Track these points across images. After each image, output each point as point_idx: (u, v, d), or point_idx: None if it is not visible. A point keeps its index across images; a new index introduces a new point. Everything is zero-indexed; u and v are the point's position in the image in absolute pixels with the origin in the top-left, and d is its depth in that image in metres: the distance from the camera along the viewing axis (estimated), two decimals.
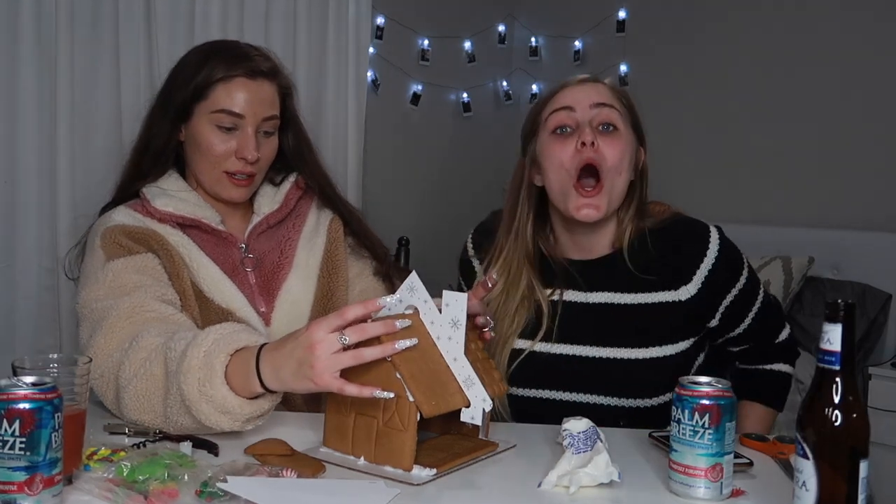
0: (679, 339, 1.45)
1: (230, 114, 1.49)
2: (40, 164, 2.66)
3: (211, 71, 1.49)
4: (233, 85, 1.49)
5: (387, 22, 4.01)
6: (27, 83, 2.63)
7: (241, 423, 1.17)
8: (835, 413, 0.92)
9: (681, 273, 1.45)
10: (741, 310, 1.51)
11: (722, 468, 1.05)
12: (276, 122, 1.56)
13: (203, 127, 1.50)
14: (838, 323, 0.92)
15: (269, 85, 1.53)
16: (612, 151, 1.42)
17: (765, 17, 3.74)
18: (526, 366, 1.46)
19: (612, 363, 1.44)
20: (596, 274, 1.49)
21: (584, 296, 1.49)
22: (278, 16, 3.27)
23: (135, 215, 1.52)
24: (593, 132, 1.41)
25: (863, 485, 0.92)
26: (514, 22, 4.66)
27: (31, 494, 0.91)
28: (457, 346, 1.16)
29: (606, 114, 1.43)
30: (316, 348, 1.07)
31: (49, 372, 1.05)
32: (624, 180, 1.46)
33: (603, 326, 1.46)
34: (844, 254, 3.38)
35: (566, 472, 1.08)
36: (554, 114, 1.45)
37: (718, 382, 1.08)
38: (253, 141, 1.50)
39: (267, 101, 1.52)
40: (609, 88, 1.48)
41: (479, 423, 1.17)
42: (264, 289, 1.56)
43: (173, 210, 1.52)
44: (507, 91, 4.64)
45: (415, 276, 1.21)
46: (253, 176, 1.54)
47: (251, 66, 1.50)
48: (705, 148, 3.90)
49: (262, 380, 1.12)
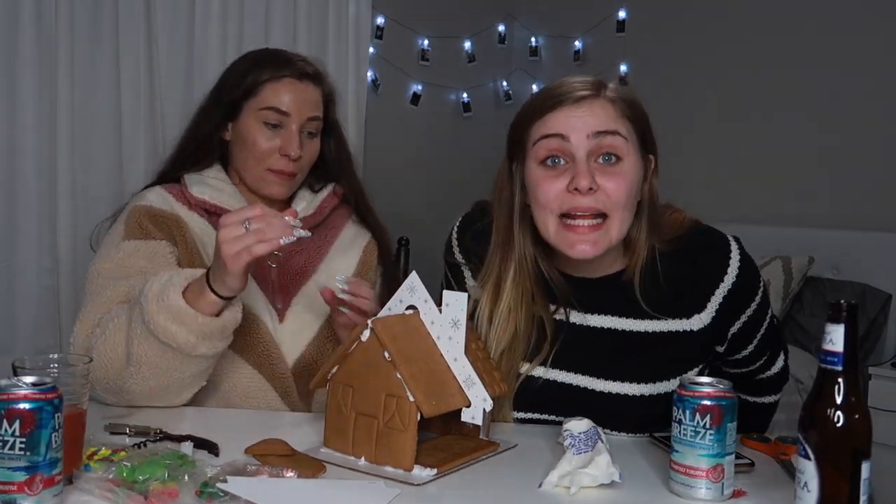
0: (686, 370, 1.31)
1: (277, 111, 1.55)
2: (40, 164, 2.66)
3: (261, 71, 1.57)
4: (281, 84, 1.56)
5: (387, 22, 4.01)
6: (27, 83, 2.63)
7: (196, 337, 1.28)
8: (837, 414, 0.92)
9: (695, 300, 1.29)
10: (749, 333, 1.36)
11: (723, 469, 1.05)
12: (320, 124, 1.62)
13: (251, 124, 1.57)
14: (841, 323, 0.92)
15: (313, 88, 1.60)
16: (615, 187, 1.21)
17: (764, 17, 3.74)
18: (525, 390, 1.32)
19: (610, 398, 1.29)
20: (596, 295, 1.32)
21: (583, 317, 1.32)
22: (278, 16, 3.27)
23: (167, 198, 1.57)
24: (590, 172, 1.20)
25: (864, 486, 0.92)
26: (514, 22, 4.66)
27: (32, 494, 0.91)
28: (457, 346, 1.16)
29: (609, 143, 1.22)
30: (222, 232, 1.23)
31: (49, 372, 1.05)
32: (630, 211, 1.26)
33: (602, 354, 1.31)
34: (844, 254, 3.38)
35: (567, 472, 1.08)
36: (543, 140, 1.23)
37: (720, 383, 1.08)
38: (297, 139, 1.56)
39: (311, 102, 1.59)
40: (613, 105, 1.24)
41: (480, 423, 1.17)
42: (284, 287, 1.58)
43: (208, 198, 1.57)
44: (507, 91, 4.65)
45: (415, 276, 1.21)
46: (294, 175, 1.59)
47: (298, 68, 1.59)
48: (705, 148, 3.90)
49: (211, 287, 1.27)
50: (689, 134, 3.92)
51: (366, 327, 1.14)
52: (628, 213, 1.24)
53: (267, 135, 1.56)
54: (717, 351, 1.38)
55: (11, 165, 2.62)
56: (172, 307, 1.27)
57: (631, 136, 1.25)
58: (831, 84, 3.54)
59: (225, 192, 1.59)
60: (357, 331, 1.16)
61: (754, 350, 1.41)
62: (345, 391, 1.17)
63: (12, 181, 2.63)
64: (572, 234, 1.22)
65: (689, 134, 3.92)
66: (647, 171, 1.30)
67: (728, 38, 3.86)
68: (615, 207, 1.22)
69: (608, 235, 1.22)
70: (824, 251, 3.38)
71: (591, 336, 1.32)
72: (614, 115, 1.24)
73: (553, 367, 1.32)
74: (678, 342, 1.30)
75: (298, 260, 1.62)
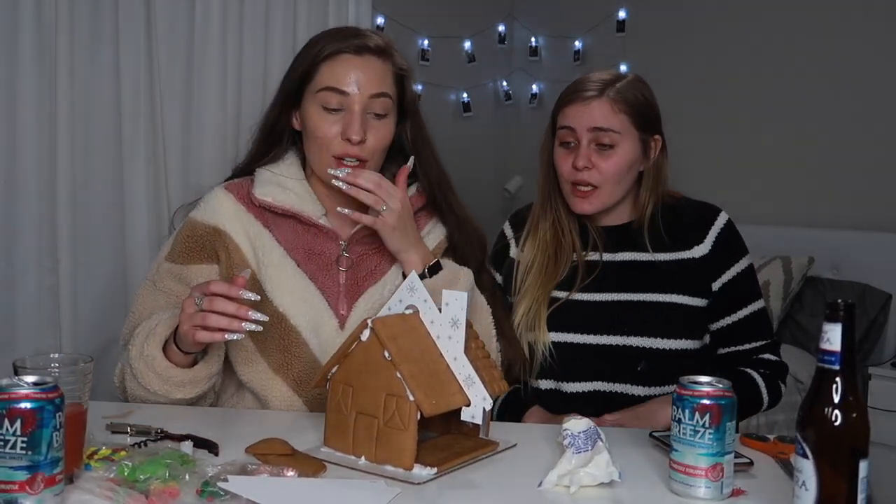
0: (689, 294, 1.59)
1: (335, 91, 1.43)
2: (40, 163, 2.66)
3: (318, 50, 1.46)
4: (338, 62, 1.44)
5: (387, 22, 4.01)
6: (27, 83, 2.63)
7: (169, 386, 1.34)
8: (835, 413, 0.92)
9: (694, 235, 1.63)
10: (738, 294, 1.63)
11: (723, 468, 1.05)
12: (387, 103, 1.47)
13: (311, 109, 1.46)
14: (838, 323, 0.92)
15: (377, 62, 1.46)
16: (607, 166, 1.57)
17: (765, 17, 3.75)
18: (561, 312, 1.61)
19: (632, 305, 1.60)
20: (619, 237, 1.65)
21: (612, 255, 1.65)
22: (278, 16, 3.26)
23: (225, 200, 1.50)
24: (588, 154, 1.57)
25: (862, 485, 0.92)
26: (514, 22, 4.66)
27: (33, 494, 0.91)
28: (457, 345, 1.16)
29: (603, 136, 1.56)
30: (185, 301, 1.26)
31: (50, 371, 1.05)
32: (626, 182, 1.61)
33: (625, 279, 1.62)
34: (844, 254, 3.38)
35: (567, 471, 1.08)
36: (560, 130, 1.61)
37: (719, 382, 1.09)
38: (359, 120, 1.42)
39: (375, 78, 1.45)
40: (612, 104, 1.56)
41: (480, 423, 1.17)
42: (351, 291, 1.48)
43: (271, 200, 1.48)
44: (507, 91, 4.65)
45: (415, 276, 1.21)
46: (364, 162, 1.45)
47: (357, 42, 1.45)
48: (705, 148, 3.90)
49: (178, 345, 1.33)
50: (688, 133, 3.91)
51: (366, 327, 1.15)
52: (618, 184, 1.60)
53: (327, 119, 1.44)
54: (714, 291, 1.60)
55: (11, 165, 2.62)
56: (147, 356, 1.33)
57: (626, 128, 1.57)
58: (831, 84, 3.54)
59: (294, 192, 1.50)
60: (357, 330, 1.16)
61: (743, 322, 1.62)
62: (345, 391, 1.17)
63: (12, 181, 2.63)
64: (576, 198, 1.61)
65: (689, 133, 3.91)
66: (652, 149, 1.62)
67: (728, 38, 3.86)
68: (605, 181, 1.58)
69: (600, 199, 1.60)
70: (824, 251, 3.38)
71: (613, 267, 1.64)
72: (612, 113, 1.56)
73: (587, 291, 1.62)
74: (683, 267, 1.61)
75: (369, 263, 1.51)
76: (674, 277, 1.60)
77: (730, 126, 3.84)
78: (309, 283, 1.47)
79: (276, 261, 1.47)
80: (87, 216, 2.76)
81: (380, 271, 1.51)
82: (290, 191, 1.50)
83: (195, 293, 1.25)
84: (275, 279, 1.45)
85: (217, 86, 3.02)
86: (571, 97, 1.59)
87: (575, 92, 1.59)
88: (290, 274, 1.46)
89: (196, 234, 1.49)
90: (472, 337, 1.22)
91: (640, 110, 1.58)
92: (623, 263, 1.64)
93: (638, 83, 1.62)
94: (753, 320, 1.63)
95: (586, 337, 1.59)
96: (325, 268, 1.49)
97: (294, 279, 1.46)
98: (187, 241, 1.50)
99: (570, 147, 1.59)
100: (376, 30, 1.56)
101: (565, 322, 1.60)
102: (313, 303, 1.45)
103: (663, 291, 1.59)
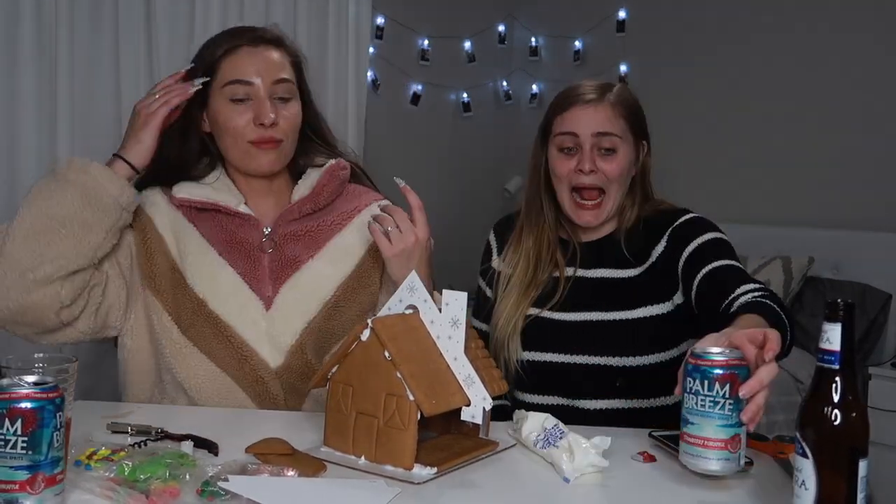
0: (656, 301, 1.56)
1: (240, 83, 1.51)
2: (40, 163, 2.66)
3: (215, 49, 1.54)
4: (238, 55, 1.52)
5: (387, 22, 4.01)
6: (27, 83, 2.63)
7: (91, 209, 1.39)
8: (834, 412, 0.92)
9: (655, 239, 1.59)
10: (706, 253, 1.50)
11: (741, 438, 1.04)
12: (291, 87, 1.55)
13: (219, 105, 1.52)
14: (838, 322, 0.93)
15: (274, 51, 1.55)
16: (610, 169, 1.57)
17: (764, 17, 3.75)
18: (535, 330, 1.60)
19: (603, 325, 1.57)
20: (596, 253, 1.64)
21: (586, 272, 1.63)
22: (278, 16, 3.27)
23: (163, 197, 1.56)
24: (592, 158, 1.56)
25: (862, 484, 0.92)
26: (514, 22, 4.67)
27: (33, 493, 0.91)
28: (457, 345, 1.16)
29: (606, 141, 1.56)
30: (140, 103, 1.48)
31: (35, 371, 1.04)
32: (625, 187, 1.61)
33: (597, 297, 1.60)
34: (844, 254, 3.39)
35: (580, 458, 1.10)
36: (560, 136, 1.59)
37: (732, 352, 1.06)
38: (267, 104, 1.50)
39: (275, 65, 1.53)
40: (612, 108, 1.56)
41: (480, 422, 1.17)
42: (275, 273, 1.52)
43: (188, 196, 1.54)
44: (507, 91, 4.65)
45: (414, 276, 1.21)
46: (279, 142, 1.53)
47: (252, 35, 1.55)
48: (705, 148, 3.90)
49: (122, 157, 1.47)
50: (688, 133, 3.92)
51: (366, 327, 1.15)
52: (622, 186, 1.60)
53: (238, 109, 1.50)
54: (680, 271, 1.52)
55: (12, 165, 2.63)
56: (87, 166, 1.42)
57: (625, 133, 1.58)
58: (831, 84, 3.54)
59: (209, 185, 1.56)
60: (357, 330, 1.16)
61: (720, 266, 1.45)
62: (345, 390, 1.17)
63: (12, 181, 2.63)
64: (580, 209, 1.59)
65: (689, 133, 3.92)
66: (641, 153, 1.63)
67: (728, 38, 3.86)
68: (611, 183, 1.58)
69: (605, 208, 1.59)
70: (824, 251, 3.38)
71: (587, 284, 1.62)
72: (613, 117, 1.57)
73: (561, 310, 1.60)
74: (649, 276, 1.58)
75: (295, 246, 1.55)
76: (641, 290, 1.57)
77: (730, 126, 3.84)
78: (229, 269, 1.51)
79: (195, 250, 1.52)
80: None
81: (307, 256, 1.55)
82: (206, 185, 1.56)
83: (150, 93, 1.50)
84: (195, 267, 1.50)
85: None
86: (571, 102, 1.59)
87: (573, 97, 1.59)
88: (208, 262, 1.51)
89: None
90: (472, 337, 1.22)
91: (636, 115, 1.60)
92: (596, 281, 1.62)
93: (629, 90, 1.65)
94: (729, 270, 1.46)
95: (561, 356, 1.58)
96: (247, 254, 1.53)
97: (212, 266, 1.51)
98: None
99: (570, 153, 1.58)
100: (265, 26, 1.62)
101: (539, 341, 1.60)
102: (231, 287, 1.50)
103: (631, 307, 1.56)
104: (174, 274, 1.50)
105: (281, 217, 1.57)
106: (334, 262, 1.56)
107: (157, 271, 1.50)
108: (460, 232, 3.52)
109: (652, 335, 1.55)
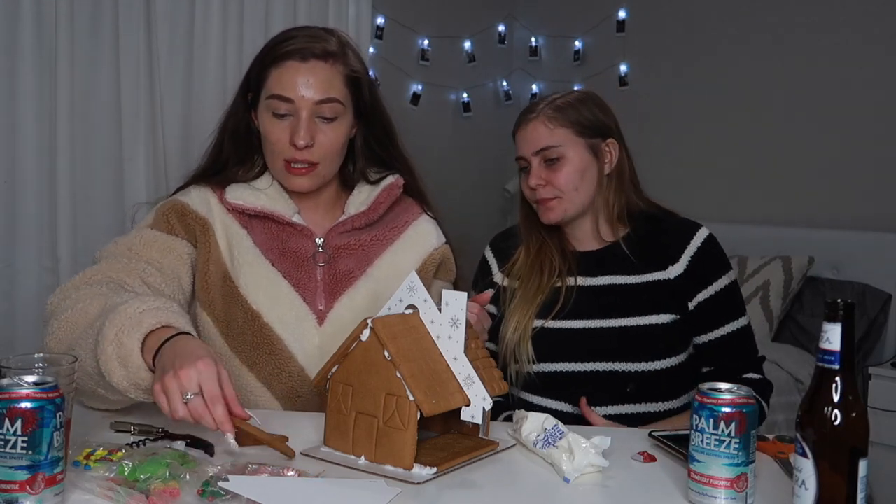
0: (667, 311, 1.60)
1: (281, 98, 1.45)
2: (40, 163, 2.66)
3: (265, 58, 1.49)
4: (284, 69, 1.46)
5: (387, 22, 4.01)
6: (27, 83, 2.63)
7: (129, 384, 1.16)
8: (834, 412, 0.92)
9: (670, 254, 1.63)
10: (718, 312, 1.62)
11: (747, 478, 1.01)
12: (336, 106, 1.47)
13: (262, 115, 1.49)
14: (838, 322, 0.93)
15: (324, 66, 1.46)
16: (557, 177, 1.63)
17: (764, 17, 3.74)
18: (543, 340, 1.62)
19: (613, 331, 1.61)
20: (598, 261, 1.67)
21: (589, 280, 1.67)
22: (278, 16, 3.27)
23: (208, 197, 1.52)
24: (539, 173, 1.64)
25: (862, 484, 0.92)
26: (514, 22, 4.66)
27: (33, 493, 0.91)
28: (457, 345, 1.16)
29: (548, 153, 1.63)
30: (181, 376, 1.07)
31: (35, 371, 1.04)
32: (585, 188, 1.65)
33: (605, 304, 1.63)
34: (844, 254, 3.38)
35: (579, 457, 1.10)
36: (518, 160, 1.69)
37: (740, 389, 1.04)
38: (305, 126, 1.44)
39: (321, 84, 1.45)
40: (550, 121, 1.63)
41: (480, 422, 1.17)
42: (329, 287, 1.50)
43: (243, 203, 1.50)
44: (507, 91, 4.65)
45: (415, 276, 1.21)
46: (314, 165, 1.47)
47: (303, 48, 1.46)
48: (705, 148, 3.90)
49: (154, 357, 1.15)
50: (688, 134, 3.92)
51: (366, 327, 1.15)
52: (577, 191, 1.64)
53: (278, 125, 1.46)
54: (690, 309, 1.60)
55: (12, 165, 2.63)
56: (125, 347, 1.15)
57: (567, 139, 1.63)
58: (831, 84, 3.54)
59: (264, 193, 1.52)
60: (357, 330, 1.16)
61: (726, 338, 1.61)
62: (345, 390, 1.17)
63: (12, 180, 2.63)
64: (542, 210, 1.67)
65: (689, 134, 3.92)
66: (606, 153, 1.65)
67: (728, 38, 3.86)
68: (563, 191, 1.63)
69: (562, 207, 1.65)
70: (824, 251, 3.38)
71: (592, 292, 1.65)
72: (550, 131, 1.63)
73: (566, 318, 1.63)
74: (659, 287, 1.62)
75: (348, 260, 1.52)
76: (651, 298, 1.61)
77: (730, 126, 3.83)
78: (283, 280, 1.49)
79: (251, 259, 1.49)
80: (87, 216, 2.76)
81: (359, 271, 1.52)
82: (261, 192, 1.52)
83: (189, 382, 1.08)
84: (248, 277, 1.48)
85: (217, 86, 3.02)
86: (516, 126, 1.68)
87: (519, 119, 1.68)
88: (263, 273, 1.48)
89: (184, 212, 1.49)
90: (471, 337, 1.22)
91: (577, 119, 1.63)
92: (601, 288, 1.65)
93: (581, 95, 1.68)
94: (735, 338, 1.63)
95: (572, 365, 1.61)
96: (301, 265, 1.50)
97: (267, 278, 1.48)
98: (175, 215, 1.49)
99: (527, 171, 1.66)
100: (333, 30, 1.54)
101: (548, 351, 1.62)
102: (287, 300, 1.47)
103: (641, 314, 1.60)
104: (226, 283, 1.47)
105: (333, 229, 1.54)
106: (387, 279, 1.52)
107: (210, 283, 1.47)
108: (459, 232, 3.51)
109: (662, 340, 1.59)
